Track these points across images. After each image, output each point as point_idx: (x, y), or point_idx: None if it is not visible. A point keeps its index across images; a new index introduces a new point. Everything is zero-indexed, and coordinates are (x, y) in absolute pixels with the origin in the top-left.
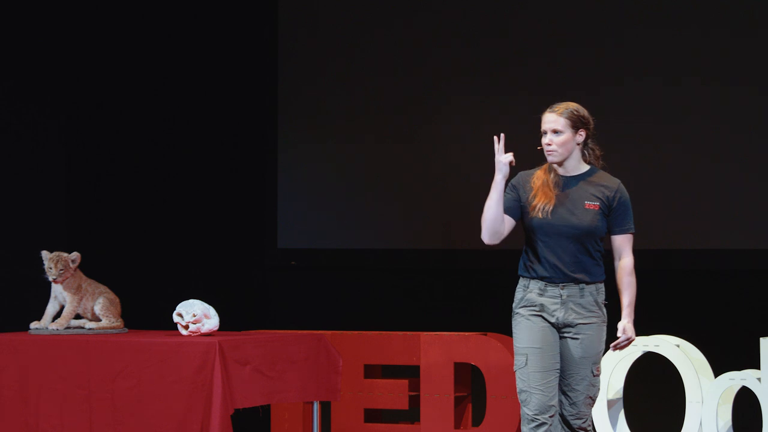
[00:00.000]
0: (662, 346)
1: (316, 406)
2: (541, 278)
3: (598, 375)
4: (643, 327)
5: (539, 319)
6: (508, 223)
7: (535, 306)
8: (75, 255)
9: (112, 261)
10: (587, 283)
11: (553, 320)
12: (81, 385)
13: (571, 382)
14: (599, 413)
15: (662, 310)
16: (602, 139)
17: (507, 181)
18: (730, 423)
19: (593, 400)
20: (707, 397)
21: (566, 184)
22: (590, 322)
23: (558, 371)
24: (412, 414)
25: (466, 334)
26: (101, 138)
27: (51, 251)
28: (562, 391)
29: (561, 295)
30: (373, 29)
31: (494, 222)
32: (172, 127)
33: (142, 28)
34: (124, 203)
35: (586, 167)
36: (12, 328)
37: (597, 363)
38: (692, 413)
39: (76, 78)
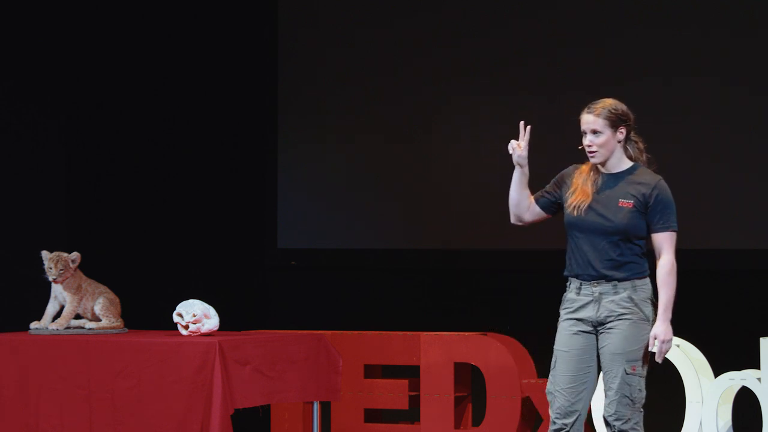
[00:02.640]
0: None
1: (316, 406)
2: (576, 276)
3: (635, 374)
4: None
5: (572, 322)
6: (533, 211)
7: (572, 306)
8: (75, 255)
9: (112, 261)
10: (620, 280)
11: (589, 319)
12: (81, 385)
13: (607, 380)
14: (599, 413)
15: None
16: None
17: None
18: (730, 423)
19: (632, 400)
20: (707, 397)
21: (606, 181)
22: (623, 318)
23: (588, 376)
24: (412, 414)
25: (466, 334)
26: (101, 138)
27: (51, 251)
28: (604, 391)
29: (593, 293)
30: (373, 29)
31: (513, 206)
32: (172, 127)
33: (142, 28)
34: (124, 203)
35: (628, 164)
36: (12, 328)
37: (633, 361)
38: (692, 413)
39: (76, 78)
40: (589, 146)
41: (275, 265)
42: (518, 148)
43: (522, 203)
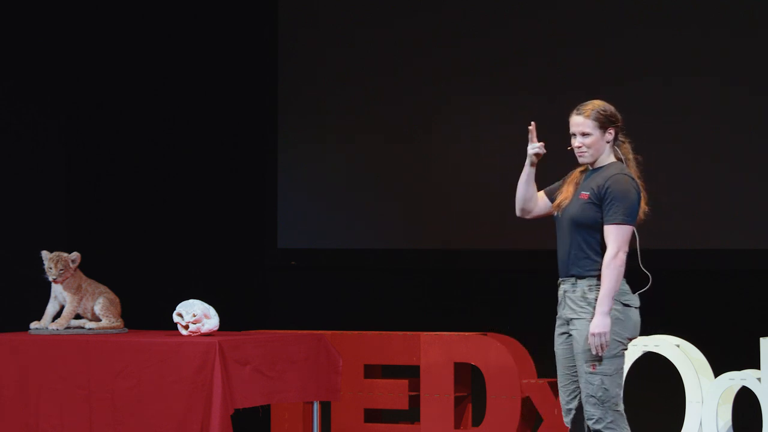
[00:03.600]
0: (662, 346)
1: (316, 406)
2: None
3: (595, 373)
4: (643, 327)
5: (558, 323)
6: (541, 206)
7: (557, 307)
8: (75, 255)
9: (112, 261)
10: (578, 278)
11: (563, 318)
12: (81, 385)
13: (578, 380)
14: None
15: (662, 310)
16: None
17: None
18: (730, 423)
19: (598, 399)
20: (707, 397)
21: (587, 176)
22: (579, 317)
23: (571, 376)
24: (412, 414)
25: (466, 334)
26: (101, 138)
27: (51, 251)
28: None
29: (561, 292)
30: (373, 29)
31: (520, 201)
32: (172, 127)
33: (142, 28)
34: (124, 203)
35: (609, 161)
36: (12, 328)
37: (591, 360)
38: (692, 413)
39: (76, 78)
40: (579, 147)
41: (275, 265)
42: (541, 148)
43: (532, 198)
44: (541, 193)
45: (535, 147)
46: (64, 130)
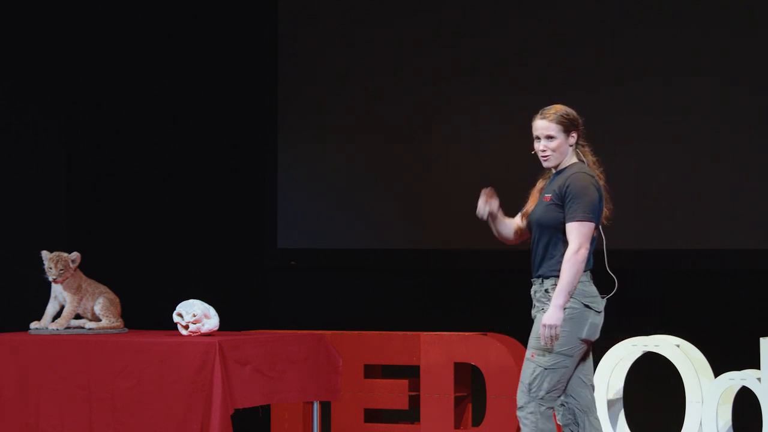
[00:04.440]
0: (662, 346)
1: (316, 406)
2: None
3: (531, 361)
4: (643, 327)
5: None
6: (525, 225)
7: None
8: (75, 255)
9: (112, 261)
10: (545, 277)
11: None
12: (81, 385)
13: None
14: (599, 413)
15: (662, 310)
16: (602, 139)
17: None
18: (730, 423)
19: (525, 386)
20: (707, 397)
21: (550, 180)
22: (540, 311)
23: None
24: (412, 414)
25: (466, 334)
26: (101, 138)
27: (51, 251)
28: None
29: (534, 291)
30: (373, 29)
31: (503, 239)
32: (172, 127)
33: (142, 28)
34: (124, 203)
35: (570, 162)
36: (12, 328)
37: (531, 348)
38: (692, 413)
39: (76, 78)
40: (543, 151)
41: (275, 265)
42: (492, 207)
43: (511, 232)
44: (518, 216)
45: (483, 214)
46: (64, 130)
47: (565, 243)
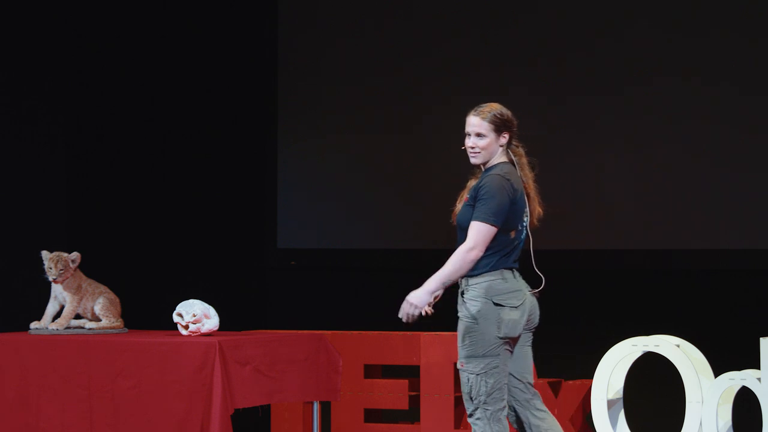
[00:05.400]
0: (662, 346)
1: (316, 406)
2: None
3: (464, 370)
4: (643, 327)
5: None
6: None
7: None
8: (75, 255)
9: (112, 261)
10: (461, 277)
11: None
12: (81, 385)
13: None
14: (599, 413)
15: (662, 310)
16: (602, 139)
17: None
18: (730, 423)
19: (466, 394)
20: (707, 397)
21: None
22: (458, 317)
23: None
24: (412, 414)
25: None
26: (101, 138)
27: (51, 251)
28: None
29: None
30: (373, 28)
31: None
32: (172, 127)
33: (142, 27)
34: (124, 203)
35: (499, 161)
36: (12, 328)
37: (461, 358)
38: (692, 413)
39: (76, 78)
40: (472, 147)
41: (275, 265)
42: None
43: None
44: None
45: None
46: (64, 130)
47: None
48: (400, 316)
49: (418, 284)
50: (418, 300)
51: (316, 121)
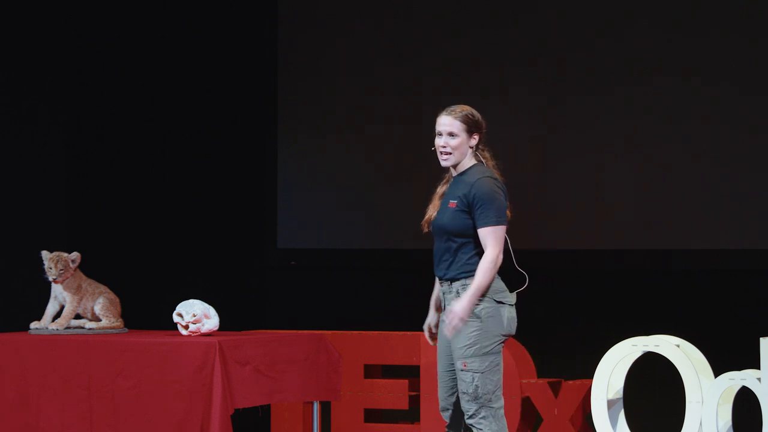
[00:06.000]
0: (662, 346)
1: (316, 406)
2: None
3: (467, 370)
4: (643, 327)
5: (442, 321)
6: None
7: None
8: (75, 255)
9: (112, 261)
10: (452, 280)
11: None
12: (81, 385)
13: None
14: (599, 413)
15: (662, 310)
16: (602, 139)
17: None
18: (730, 423)
19: (470, 396)
20: (707, 397)
21: (451, 184)
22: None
23: (450, 373)
24: (412, 414)
25: None
26: (101, 138)
27: (51, 251)
28: None
29: (442, 293)
30: (373, 28)
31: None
32: (172, 127)
33: (142, 27)
34: (124, 203)
35: (470, 164)
36: (12, 328)
37: (463, 358)
38: (692, 413)
39: (76, 78)
40: (443, 147)
41: (275, 265)
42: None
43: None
44: (436, 282)
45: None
46: (64, 130)
47: (475, 246)
48: (446, 331)
49: (418, 284)
50: (465, 312)
51: (316, 121)
